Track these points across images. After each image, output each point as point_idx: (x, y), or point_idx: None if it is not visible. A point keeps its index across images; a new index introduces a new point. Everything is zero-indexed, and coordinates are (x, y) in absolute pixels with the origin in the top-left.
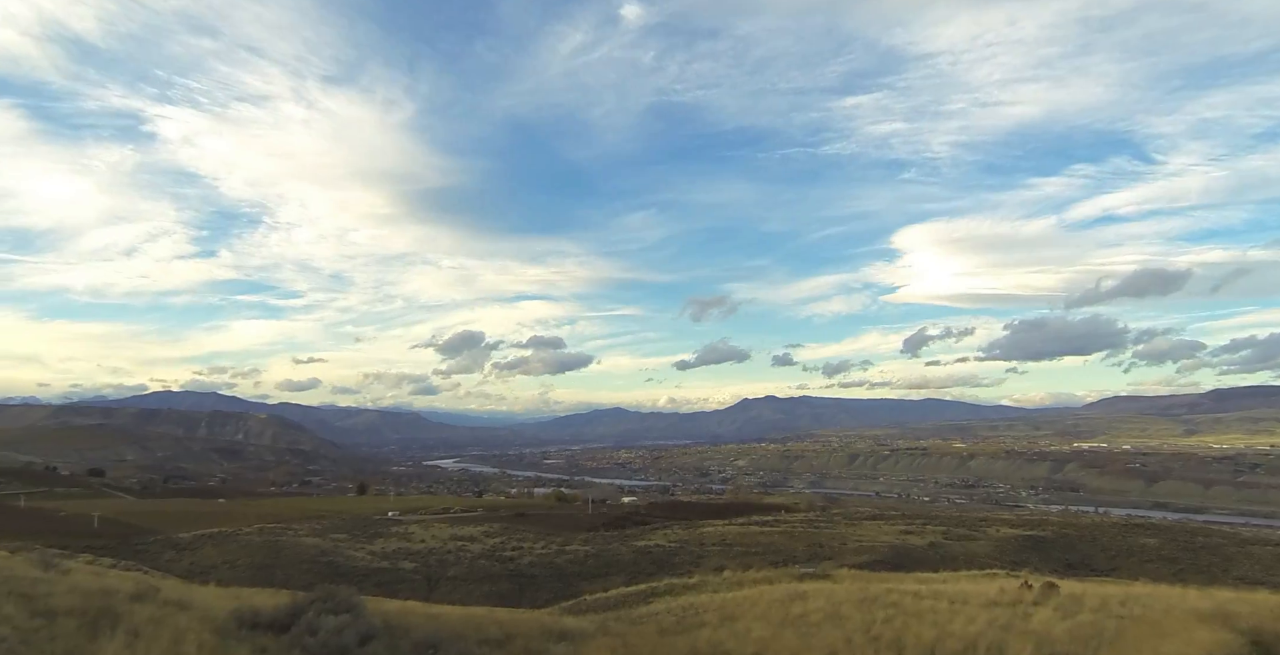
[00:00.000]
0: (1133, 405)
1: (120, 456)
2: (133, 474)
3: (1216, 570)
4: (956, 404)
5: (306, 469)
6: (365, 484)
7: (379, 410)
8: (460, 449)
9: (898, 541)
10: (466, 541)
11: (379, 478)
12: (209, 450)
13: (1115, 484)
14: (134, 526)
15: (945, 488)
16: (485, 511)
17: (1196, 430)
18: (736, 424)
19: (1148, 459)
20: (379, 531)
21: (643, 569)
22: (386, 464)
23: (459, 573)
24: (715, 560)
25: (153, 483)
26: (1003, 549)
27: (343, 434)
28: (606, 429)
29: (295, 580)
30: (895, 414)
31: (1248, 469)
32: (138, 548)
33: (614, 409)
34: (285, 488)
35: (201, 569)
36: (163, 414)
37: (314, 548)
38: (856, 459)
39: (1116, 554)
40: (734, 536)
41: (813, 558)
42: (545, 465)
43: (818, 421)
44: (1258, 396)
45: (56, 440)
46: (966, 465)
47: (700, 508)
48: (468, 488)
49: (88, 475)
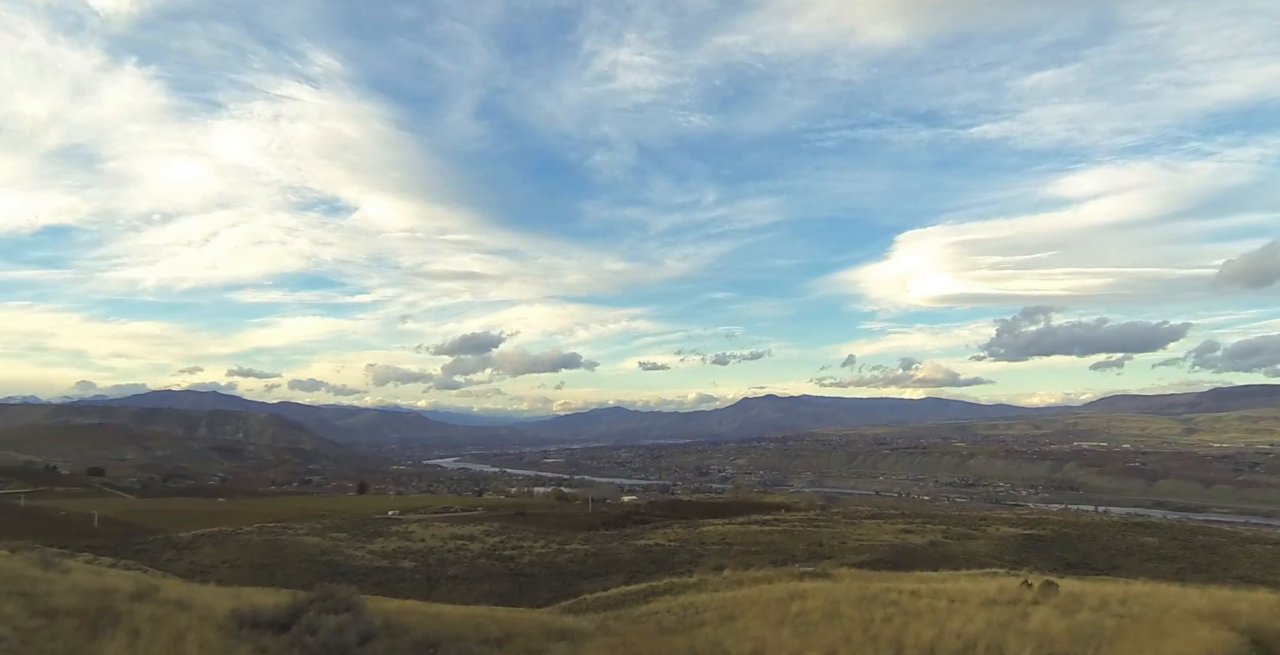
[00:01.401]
0: (1133, 404)
1: (120, 456)
2: (133, 473)
3: (1216, 569)
4: (956, 403)
5: (307, 468)
6: (365, 483)
7: (379, 409)
8: (460, 448)
9: (897, 540)
10: (466, 541)
11: (379, 477)
12: (209, 449)
13: (1115, 483)
14: (134, 526)
15: (945, 487)
16: (485, 511)
17: (1196, 429)
18: (736, 423)
19: (1147, 458)
20: (379, 531)
21: (642, 568)
22: (387, 463)
23: (459, 572)
24: (715, 559)
25: (153, 482)
26: (1002, 548)
27: (343, 433)
28: (606, 428)
29: (295, 579)
30: (895, 413)
31: (1247, 468)
32: (138, 547)
33: (614, 408)
34: (285, 487)
35: (201, 568)
36: (163, 413)
37: (314, 547)
38: (856, 458)
39: (1116, 553)
40: (734, 535)
41: (812, 557)
42: (545, 464)
43: (818, 420)
44: (1258, 396)
45: (56, 440)
46: (966, 464)
47: (700, 507)
48: (468, 487)
49: (88, 474)
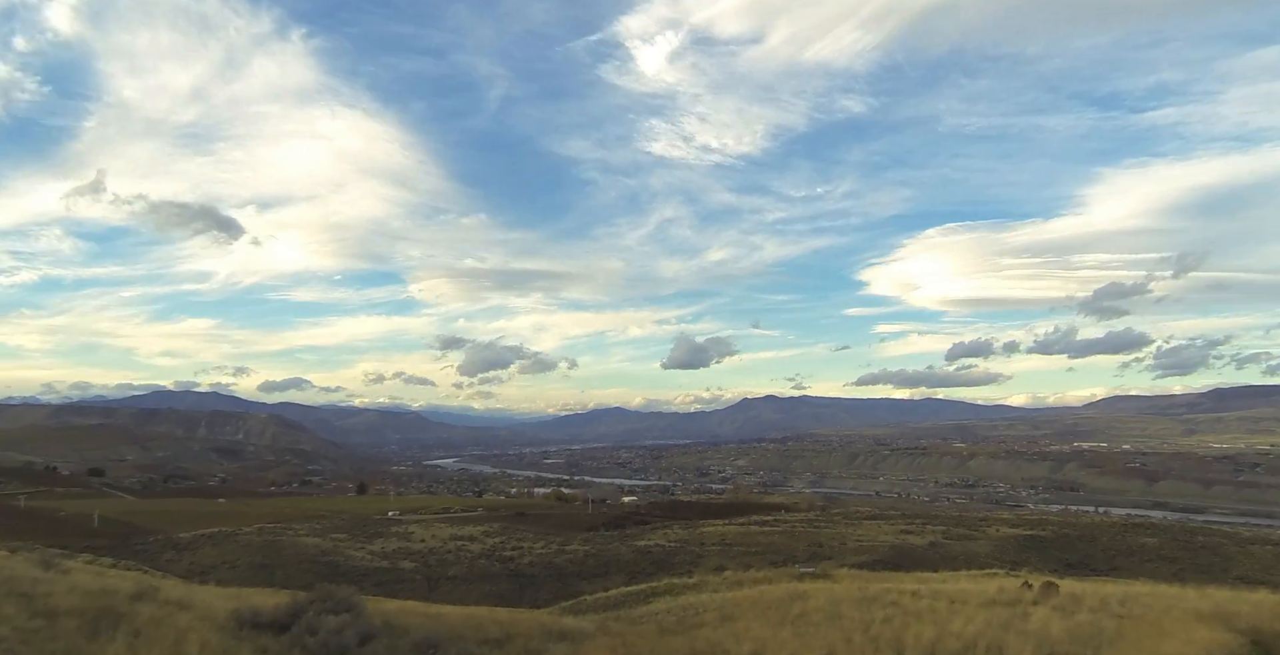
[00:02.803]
0: (1133, 405)
1: (120, 456)
2: (133, 474)
3: (1216, 570)
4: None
5: (306, 469)
6: (365, 484)
7: (379, 410)
8: (460, 449)
9: (897, 541)
10: (466, 541)
11: (379, 477)
12: (209, 450)
13: (1115, 484)
14: (134, 526)
15: (945, 487)
16: (485, 511)
17: (1196, 430)
18: (736, 424)
19: (1148, 459)
20: (379, 531)
21: (642, 569)
22: (387, 464)
23: (459, 572)
24: (715, 560)
25: (153, 482)
26: (1002, 549)
27: (343, 434)
28: (607, 429)
29: (295, 580)
30: (895, 414)
31: (1248, 468)
32: (138, 548)
33: (614, 409)
34: (285, 487)
35: (201, 569)
36: (163, 414)
37: (314, 547)
38: (856, 459)
39: (1116, 554)
40: (734, 536)
41: (812, 557)
42: (545, 465)
43: (818, 421)
44: (1258, 396)
45: (56, 440)
46: (966, 465)
47: (700, 507)
48: (468, 487)
49: (88, 475)
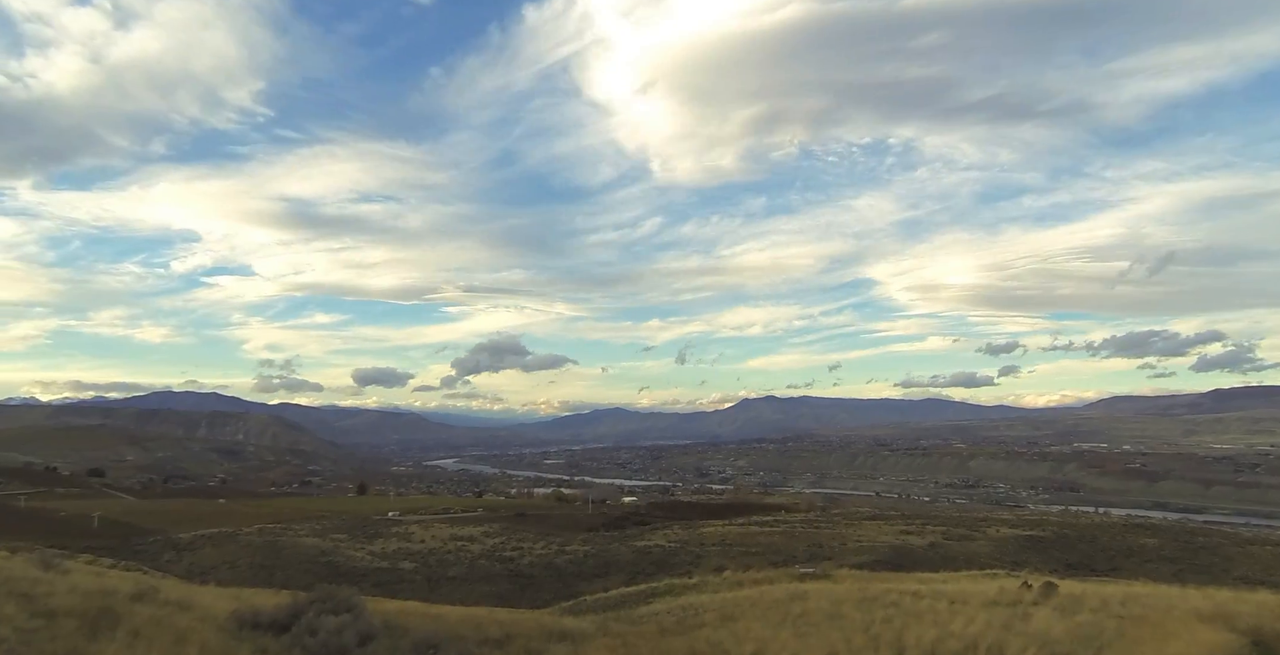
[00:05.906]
0: (1133, 405)
1: (120, 456)
2: (133, 474)
3: (1217, 570)
4: (956, 404)
5: (307, 469)
6: (365, 484)
7: (379, 410)
8: (460, 449)
9: (898, 541)
10: (466, 541)
11: (379, 478)
12: (209, 450)
13: (1115, 484)
14: (134, 527)
15: (945, 488)
16: (485, 512)
17: (1196, 430)
18: (736, 424)
19: (1148, 459)
20: (379, 532)
21: (643, 569)
22: (387, 464)
23: (459, 573)
24: (715, 560)
25: (153, 483)
26: (1003, 549)
27: (343, 434)
28: (606, 429)
29: (295, 580)
30: (895, 414)
31: (1248, 469)
32: (137, 548)
33: (614, 409)
34: (285, 488)
35: (201, 569)
36: (162, 414)
37: (314, 548)
38: (856, 459)
39: (1116, 554)
40: (734, 537)
41: (813, 558)
42: (545, 465)
43: (818, 421)
44: (1258, 396)
45: (56, 440)
46: (966, 465)
47: (700, 508)
48: (468, 488)
49: (88, 475)
